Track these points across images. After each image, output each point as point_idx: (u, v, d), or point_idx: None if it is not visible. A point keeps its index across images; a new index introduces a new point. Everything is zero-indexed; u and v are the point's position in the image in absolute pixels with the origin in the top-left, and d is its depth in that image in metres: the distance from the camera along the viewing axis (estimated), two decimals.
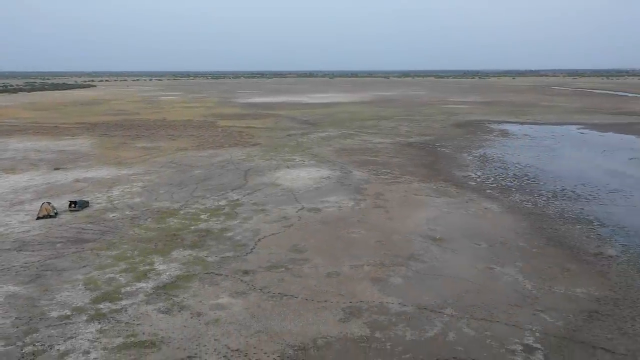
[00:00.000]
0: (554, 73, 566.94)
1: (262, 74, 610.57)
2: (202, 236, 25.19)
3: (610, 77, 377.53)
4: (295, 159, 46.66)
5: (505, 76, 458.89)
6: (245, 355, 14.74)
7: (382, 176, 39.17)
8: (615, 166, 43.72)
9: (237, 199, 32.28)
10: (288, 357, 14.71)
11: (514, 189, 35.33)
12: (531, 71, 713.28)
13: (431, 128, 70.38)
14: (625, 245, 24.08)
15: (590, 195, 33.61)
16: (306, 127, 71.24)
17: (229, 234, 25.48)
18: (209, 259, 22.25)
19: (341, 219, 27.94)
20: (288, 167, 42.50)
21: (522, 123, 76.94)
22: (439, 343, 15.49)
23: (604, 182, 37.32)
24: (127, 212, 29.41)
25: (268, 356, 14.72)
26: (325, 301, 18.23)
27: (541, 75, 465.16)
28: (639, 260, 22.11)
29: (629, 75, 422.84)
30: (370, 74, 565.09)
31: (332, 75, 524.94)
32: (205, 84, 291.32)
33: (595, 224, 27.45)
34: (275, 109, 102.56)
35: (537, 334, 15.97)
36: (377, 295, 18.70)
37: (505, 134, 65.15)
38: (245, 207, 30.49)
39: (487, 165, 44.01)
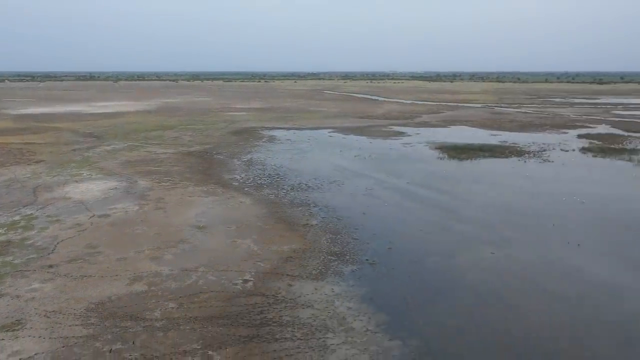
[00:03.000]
0: (330, 76, 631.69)
1: (32, 76, 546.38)
2: (5, 246, 30.44)
3: (373, 80, 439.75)
4: (82, 173, 51.58)
5: (288, 79, 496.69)
6: (60, 312, 22.20)
7: (164, 183, 47.33)
8: (343, 163, 59.31)
9: (31, 213, 37.23)
10: (91, 309, 22.63)
11: (265, 186, 47.08)
12: (313, 74, 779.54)
13: (211, 137, 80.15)
14: (324, 217, 37.13)
15: (316, 186, 47.14)
16: (91, 141, 74.42)
17: (30, 242, 31.23)
18: (16, 261, 28.11)
19: (127, 221, 35.64)
20: (77, 182, 47.60)
21: (288, 129, 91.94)
22: (193, 286, 25.09)
23: (330, 176, 51.69)
24: None
25: (77, 310, 22.43)
26: (116, 275, 26.33)
27: (320, 79, 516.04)
28: (327, 226, 35.06)
29: (388, 79, 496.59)
30: (159, 76, 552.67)
31: (118, 77, 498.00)
32: None
33: (312, 206, 40.34)
34: (55, 121, 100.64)
35: (253, 273, 26.74)
36: (154, 267, 27.49)
37: (272, 139, 78.43)
38: (41, 219, 35.87)
39: (251, 168, 55.45)
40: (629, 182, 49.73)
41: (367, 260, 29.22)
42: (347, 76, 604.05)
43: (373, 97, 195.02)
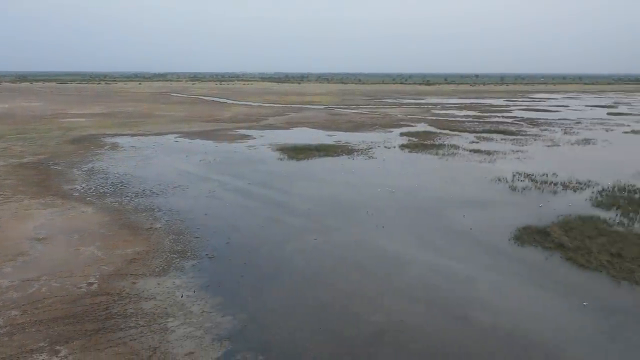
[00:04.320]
0: (178, 77, 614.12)
1: None
2: None
3: (222, 82, 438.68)
4: None
5: (132, 80, 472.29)
6: None
7: None
8: (188, 167, 61.72)
9: None
10: None
11: (108, 194, 47.85)
12: (159, 74, 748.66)
13: (46, 146, 76.28)
14: (167, 220, 39.80)
15: (160, 191, 49.21)
16: None
17: None
18: None
19: None
20: None
21: (132, 135, 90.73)
22: (36, 294, 26.40)
23: (174, 181, 53.94)
24: None
25: None
26: None
27: (167, 80, 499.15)
28: (171, 228, 37.88)
29: (238, 80, 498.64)
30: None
31: None
32: None
33: (156, 210, 42.60)
34: None
35: (97, 276, 28.75)
36: None
37: (115, 147, 77.30)
38: None
39: (92, 178, 55.19)
40: (431, 173, 60.07)
41: (206, 255, 32.86)
42: (195, 77, 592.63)
43: (221, 100, 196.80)
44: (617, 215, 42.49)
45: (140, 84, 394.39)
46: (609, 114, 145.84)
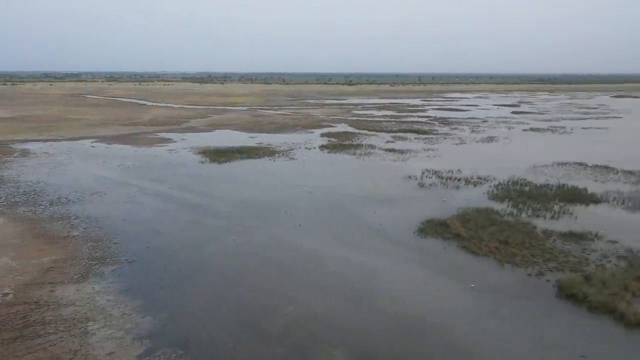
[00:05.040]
0: (94, 77, 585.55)
1: None
2: None
3: (142, 82, 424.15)
4: None
5: (42, 81, 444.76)
6: None
7: None
8: (106, 173, 60.86)
9: None
10: None
11: (20, 204, 46.59)
12: (73, 74, 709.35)
13: None
14: (85, 227, 39.76)
15: (77, 199, 48.57)
16: None
17: None
18: None
19: None
20: None
21: (44, 140, 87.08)
22: None
23: (91, 187, 53.25)
24: None
25: None
26: None
27: (81, 80, 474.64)
28: (89, 235, 37.98)
29: (158, 80, 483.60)
30: None
31: None
32: None
33: (72, 218, 42.27)
34: None
35: (12, 286, 28.72)
36: None
37: (26, 153, 74.13)
38: None
39: (2, 187, 53.15)
40: (348, 173, 63.32)
41: (126, 260, 33.55)
42: (112, 78, 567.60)
43: (141, 102, 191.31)
44: (508, 206, 47.55)
45: (51, 84, 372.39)
46: (512, 112, 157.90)
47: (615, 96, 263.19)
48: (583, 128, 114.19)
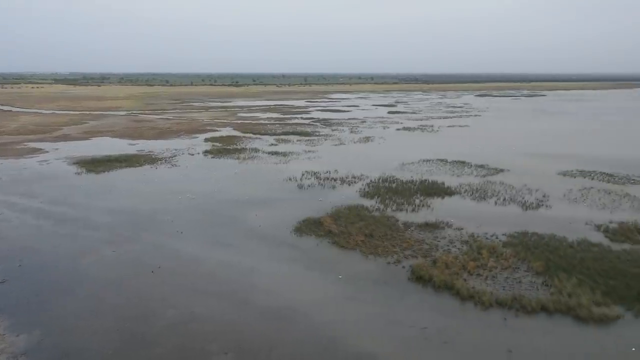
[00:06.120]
0: None
1: None
2: None
3: (5, 85, 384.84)
4: None
5: None
6: None
7: None
8: None
9: None
10: None
11: None
12: None
13: None
14: None
15: None
16: None
17: None
18: None
19: None
20: None
21: None
22: None
23: None
24: None
25: None
26: None
27: None
28: None
29: (25, 83, 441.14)
30: None
31: None
32: None
33: None
34: None
35: None
36: None
37: None
38: None
39: None
40: (230, 178, 65.09)
41: None
42: None
43: (5, 108, 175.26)
44: (376, 202, 52.62)
45: None
46: (389, 112, 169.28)
47: (478, 95, 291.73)
48: (448, 126, 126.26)
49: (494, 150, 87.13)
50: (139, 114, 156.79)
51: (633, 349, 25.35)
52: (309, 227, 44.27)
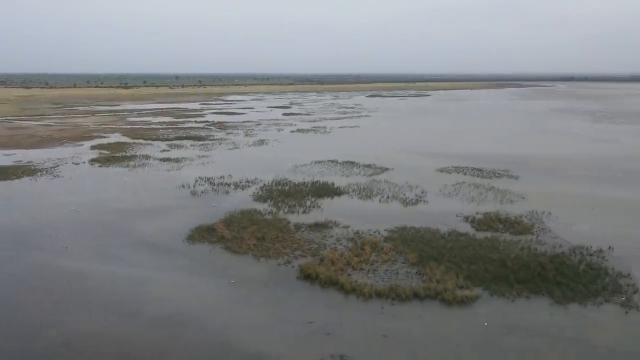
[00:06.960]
0: None
1: None
2: None
3: None
4: None
5: None
6: None
7: None
8: None
9: None
10: None
11: None
12: None
13: None
14: None
15: None
16: None
17: None
18: None
19: None
20: None
21: None
22: None
23: None
24: None
25: None
26: None
27: None
28: None
29: None
30: None
31: None
32: None
33: None
34: None
35: None
36: None
37: None
38: None
39: None
40: (119, 186, 63.11)
41: None
42: None
43: None
44: (269, 205, 54.23)
45: None
46: (284, 114, 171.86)
47: (369, 96, 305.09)
48: (340, 127, 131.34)
49: (381, 150, 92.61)
50: (14, 120, 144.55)
51: (485, 324, 29.38)
52: (202, 234, 44.74)
